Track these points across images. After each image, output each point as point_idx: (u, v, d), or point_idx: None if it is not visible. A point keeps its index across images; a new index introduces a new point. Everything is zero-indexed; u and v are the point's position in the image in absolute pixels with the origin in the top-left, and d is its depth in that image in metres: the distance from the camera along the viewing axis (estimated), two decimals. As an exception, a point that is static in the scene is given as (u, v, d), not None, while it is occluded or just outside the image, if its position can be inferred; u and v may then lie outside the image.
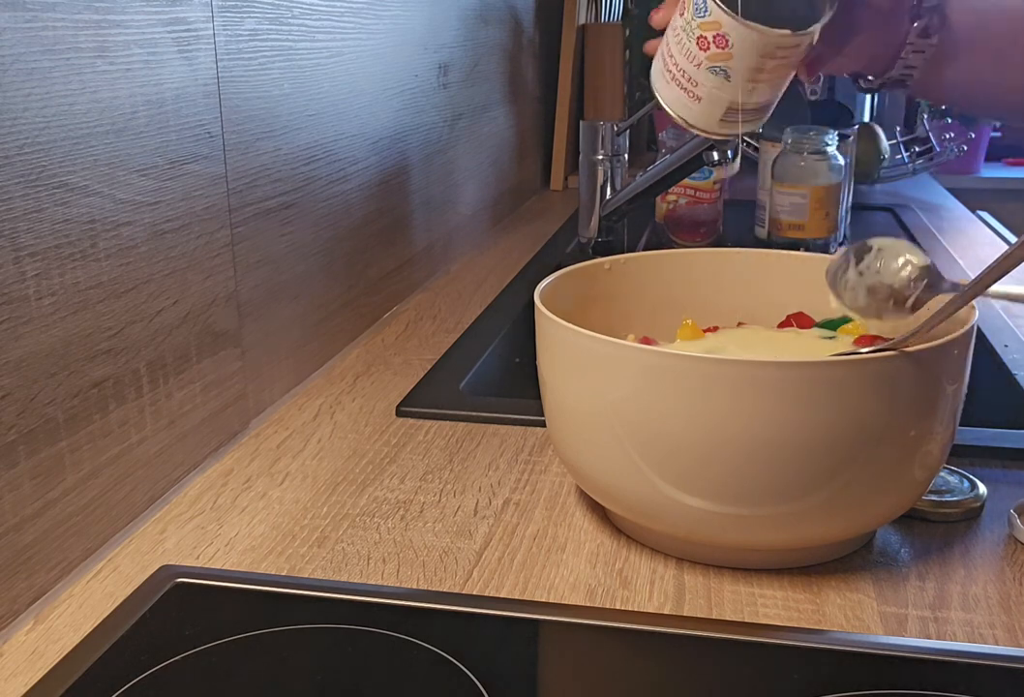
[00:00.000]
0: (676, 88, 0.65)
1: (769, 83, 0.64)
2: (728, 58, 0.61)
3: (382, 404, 0.87)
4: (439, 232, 1.28)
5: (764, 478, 0.57)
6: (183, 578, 0.59)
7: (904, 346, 0.56)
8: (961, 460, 0.73)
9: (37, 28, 0.56)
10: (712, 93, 0.63)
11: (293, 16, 0.86)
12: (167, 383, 0.70)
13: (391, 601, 0.57)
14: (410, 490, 0.72)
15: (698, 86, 0.63)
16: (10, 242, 0.55)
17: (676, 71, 0.64)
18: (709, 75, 0.62)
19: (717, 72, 0.62)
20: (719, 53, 0.61)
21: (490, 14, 1.47)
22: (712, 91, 0.63)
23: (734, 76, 0.62)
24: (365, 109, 1.02)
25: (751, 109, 0.64)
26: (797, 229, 1.30)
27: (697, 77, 0.63)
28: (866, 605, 0.58)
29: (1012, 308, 1.12)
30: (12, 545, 0.57)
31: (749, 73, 0.62)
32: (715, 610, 0.58)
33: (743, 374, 0.55)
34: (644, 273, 0.77)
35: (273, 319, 0.86)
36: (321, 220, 0.94)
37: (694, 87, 0.63)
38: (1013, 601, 0.59)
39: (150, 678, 0.50)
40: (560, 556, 0.63)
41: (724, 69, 0.62)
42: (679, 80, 0.64)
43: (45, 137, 0.57)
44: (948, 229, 1.54)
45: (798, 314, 0.74)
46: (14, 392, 0.56)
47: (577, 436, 0.63)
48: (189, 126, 0.71)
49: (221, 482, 0.73)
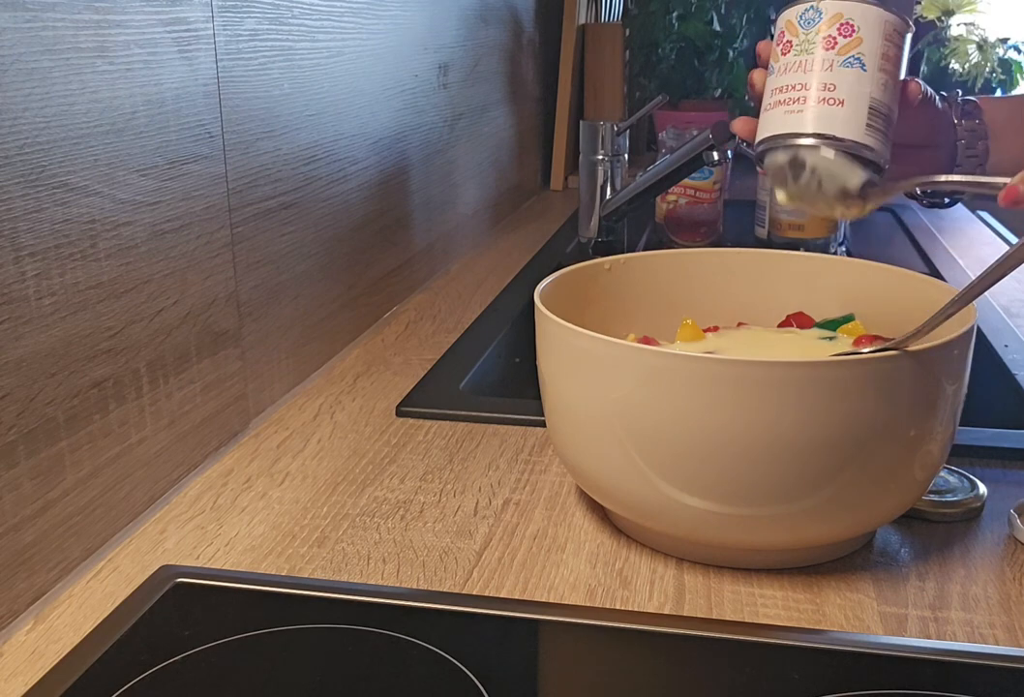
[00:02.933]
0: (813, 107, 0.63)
1: (892, 81, 0.64)
2: (859, 43, 0.63)
3: (382, 404, 0.87)
4: (439, 232, 1.28)
5: (764, 478, 0.57)
6: (183, 578, 0.59)
7: (904, 346, 0.56)
8: (961, 460, 0.73)
9: (37, 28, 0.56)
10: (854, 89, 0.62)
11: (293, 16, 0.86)
12: (167, 383, 0.70)
13: (391, 601, 0.57)
14: (410, 490, 0.72)
15: (837, 88, 0.63)
16: (10, 242, 0.55)
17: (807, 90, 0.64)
18: (846, 70, 0.63)
19: (852, 63, 0.63)
20: (849, 42, 0.63)
21: (490, 14, 1.46)
22: (853, 88, 0.63)
23: (868, 62, 0.63)
24: (365, 109, 1.02)
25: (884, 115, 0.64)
26: (797, 229, 1.30)
27: (834, 79, 0.63)
28: (866, 605, 0.58)
29: (1012, 308, 1.12)
30: (12, 545, 0.57)
31: (879, 60, 0.63)
32: (715, 610, 0.58)
33: (743, 374, 0.55)
34: (644, 273, 0.77)
35: (273, 319, 0.86)
36: (321, 220, 0.94)
37: (832, 91, 0.63)
38: (1013, 601, 0.59)
39: (150, 678, 0.50)
40: (560, 556, 0.63)
41: (858, 57, 0.63)
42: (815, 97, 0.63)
43: (45, 137, 0.57)
44: (948, 229, 1.54)
45: (798, 314, 0.74)
46: (14, 392, 0.56)
47: (577, 436, 0.63)
48: (189, 126, 0.71)
49: (221, 482, 0.73)
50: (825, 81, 0.63)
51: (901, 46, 0.65)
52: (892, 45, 0.64)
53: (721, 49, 1.74)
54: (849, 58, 0.63)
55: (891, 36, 0.64)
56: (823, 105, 0.63)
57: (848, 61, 0.63)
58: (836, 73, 0.63)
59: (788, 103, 0.65)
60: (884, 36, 0.63)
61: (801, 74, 0.64)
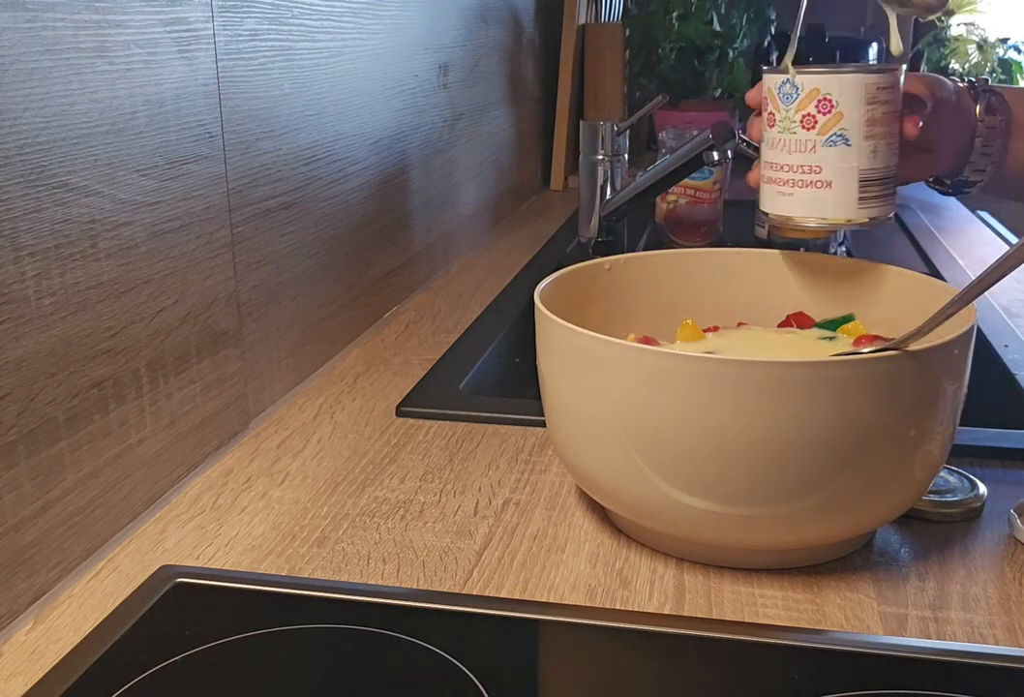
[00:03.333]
0: (801, 191, 0.63)
1: (884, 139, 0.63)
2: (839, 118, 0.62)
3: (382, 404, 0.87)
4: (439, 232, 1.28)
5: (764, 478, 0.57)
6: (183, 578, 0.59)
7: (904, 346, 0.57)
8: (961, 460, 0.73)
9: (37, 28, 0.56)
10: (839, 168, 0.62)
11: (293, 16, 0.86)
12: (167, 383, 0.70)
13: (391, 601, 0.57)
14: (410, 490, 0.72)
15: (823, 170, 0.62)
16: (10, 242, 0.55)
17: (794, 173, 0.64)
18: (829, 150, 0.62)
19: (835, 141, 0.62)
20: (829, 119, 0.62)
21: (490, 14, 1.47)
22: (839, 166, 0.62)
23: (852, 136, 0.62)
24: (365, 109, 1.02)
25: (879, 179, 0.63)
26: (797, 229, 1.30)
27: (818, 161, 0.62)
28: (866, 605, 0.58)
29: (1012, 308, 1.12)
30: (12, 545, 0.57)
31: (864, 128, 0.62)
32: (715, 610, 0.58)
33: (743, 374, 0.55)
34: (644, 273, 0.77)
35: (273, 319, 0.86)
36: (321, 220, 0.94)
37: (819, 174, 0.63)
38: (1013, 601, 0.59)
39: (150, 678, 0.50)
40: (560, 556, 0.63)
41: (840, 133, 0.62)
42: (802, 180, 0.63)
43: (45, 137, 0.57)
44: (948, 229, 1.54)
45: (798, 314, 0.74)
46: (14, 392, 0.56)
47: (577, 436, 0.63)
48: (189, 126, 0.71)
49: (221, 482, 0.73)
50: (810, 163, 0.63)
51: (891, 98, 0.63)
52: (879, 104, 0.63)
53: (721, 49, 1.74)
54: (831, 137, 0.62)
55: (876, 96, 0.62)
56: (810, 188, 0.63)
57: (830, 140, 0.62)
58: (819, 154, 0.63)
59: (779, 183, 0.65)
60: (867, 101, 0.62)
61: (786, 154, 0.64)
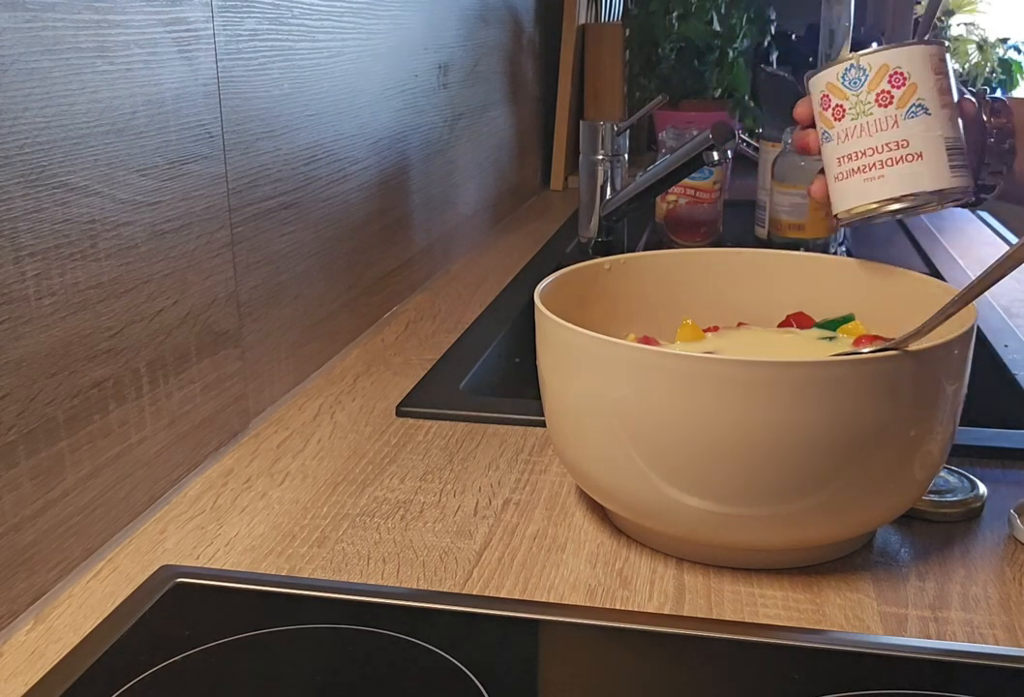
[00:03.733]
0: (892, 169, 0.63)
1: (951, 109, 0.63)
2: (914, 89, 0.62)
3: (382, 404, 0.87)
4: (439, 232, 1.28)
5: (764, 478, 0.57)
6: (183, 578, 0.59)
7: (904, 346, 0.56)
8: (961, 460, 0.73)
9: (37, 28, 0.56)
10: (927, 137, 0.62)
11: (293, 16, 0.86)
12: (167, 383, 0.70)
13: (391, 601, 0.57)
14: (410, 490, 0.72)
15: (910, 143, 0.62)
16: (10, 242, 0.55)
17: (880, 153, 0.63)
18: (912, 121, 0.62)
19: (916, 112, 0.62)
20: (904, 91, 0.62)
21: (490, 14, 1.47)
22: (925, 136, 0.62)
23: (930, 105, 0.62)
24: (365, 109, 1.02)
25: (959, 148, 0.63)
26: (797, 229, 1.30)
27: (903, 134, 0.62)
28: (866, 605, 0.58)
29: (1012, 308, 1.12)
30: (12, 545, 0.57)
31: (938, 97, 0.62)
32: (715, 610, 0.58)
33: (743, 374, 0.55)
34: (644, 273, 0.77)
35: (273, 319, 0.86)
36: (321, 220, 0.94)
37: (907, 147, 0.62)
38: (1013, 601, 0.59)
39: (150, 678, 0.50)
40: (560, 556, 0.63)
41: (919, 103, 0.62)
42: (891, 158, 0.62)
43: (45, 137, 0.57)
44: (948, 229, 1.54)
45: (798, 314, 0.74)
46: (14, 392, 0.56)
47: (577, 436, 0.63)
48: (189, 126, 0.71)
49: (221, 482, 0.73)
50: (896, 139, 0.62)
51: (947, 70, 0.63)
52: (942, 75, 0.63)
53: (721, 49, 1.74)
54: (911, 108, 0.62)
55: (938, 67, 0.63)
56: (903, 164, 0.62)
57: (911, 111, 0.62)
58: (903, 128, 0.62)
59: (865, 170, 0.63)
60: (934, 71, 0.62)
61: (867, 138, 0.63)
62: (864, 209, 0.65)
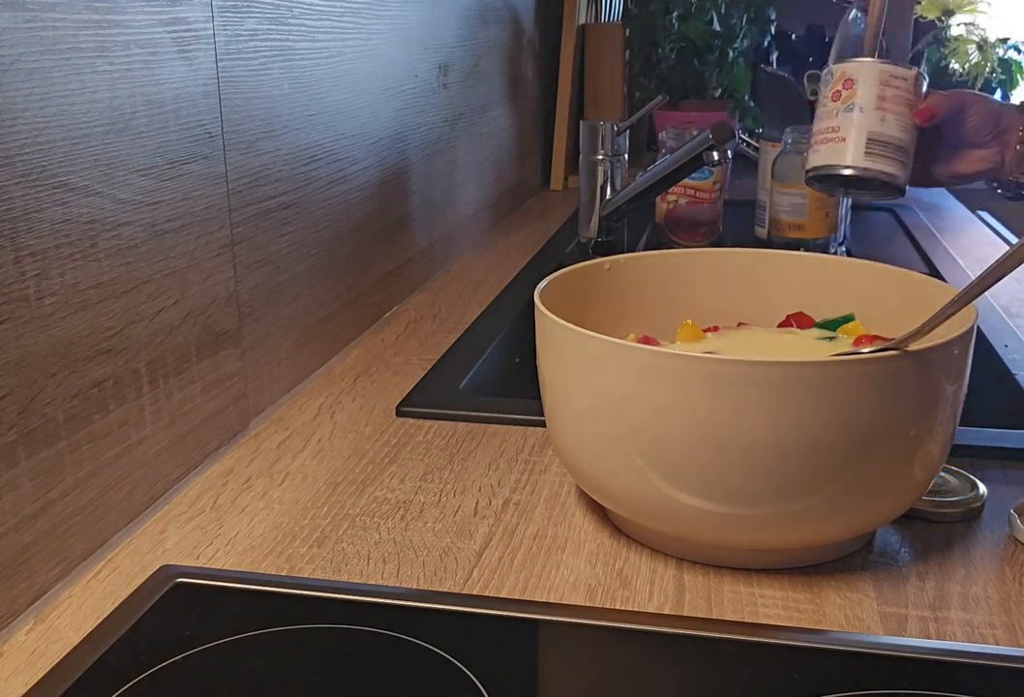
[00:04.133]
0: (826, 147, 0.81)
1: (893, 116, 0.79)
2: (855, 95, 0.80)
3: (382, 404, 0.87)
4: (439, 232, 1.28)
5: (764, 478, 0.57)
6: (183, 578, 0.59)
7: (904, 346, 0.56)
8: (961, 460, 0.73)
9: (37, 28, 0.56)
10: (853, 129, 0.79)
11: (293, 16, 0.86)
12: (167, 383, 0.70)
13: (391, 601, 0.57)
14: (410, 490, 0.72)
15: (840, 129, 0.80)
16: (10, 242, 0.55)
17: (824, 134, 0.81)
18: (847, 115, 0.80)
19: (851, 109, 0.80)
20: (848, 93, 0.80)
21: (490, 14, 1.47)
22: (852, 128, 0.79)
23: (865, 106, 0.79)
24: (365, 109, 1.02)
25: (884, 142, 0.79)
26: (797, 229, 1.30)
27: (838, 123, 0.80)
28: (866, 605, 0.58)
29: (1012, 308, 1.12)
30: (12, 545, 0.57)
31: (875, 102, 0.79)
32: (715, 610, 0.58)
33: (743, 374, 0.55)
34: (644, 273, 0.77)
35: (273, 319, 0.86)
36: (321, 220, 0.94)
37: (837, 132, 0.80)
38: (1013, 601, 0.59)
39: (150, 678, 0.51)
40: (560, 556, 0.63)
41: (855, 104, 0.80)
42: (828, 139, 0.81)
43: (45, 137, 0.57)
44: (948, 229, 1.54)
45: (798, 314, 0.74)
46: (14, 392, 0.56)
47: (577, 436, 0.63)
48: (189, 126, 0.71)
49: (221, 482, 0.73)
50: (834, 125, 0.81)
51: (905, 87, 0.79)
52: (890, 88, 0.79)
53: (721, 49, 1.74)
54: (849, 105, 0.80)
55: (888, 81, 0.79)
56: (832, 144, 0.81)
57: (848, 107, 0.80)
58: (840, 118, 0.81)
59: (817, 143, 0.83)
60: (880, 83, 0.79)
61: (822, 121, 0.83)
62: (811, 169, 0.83)
